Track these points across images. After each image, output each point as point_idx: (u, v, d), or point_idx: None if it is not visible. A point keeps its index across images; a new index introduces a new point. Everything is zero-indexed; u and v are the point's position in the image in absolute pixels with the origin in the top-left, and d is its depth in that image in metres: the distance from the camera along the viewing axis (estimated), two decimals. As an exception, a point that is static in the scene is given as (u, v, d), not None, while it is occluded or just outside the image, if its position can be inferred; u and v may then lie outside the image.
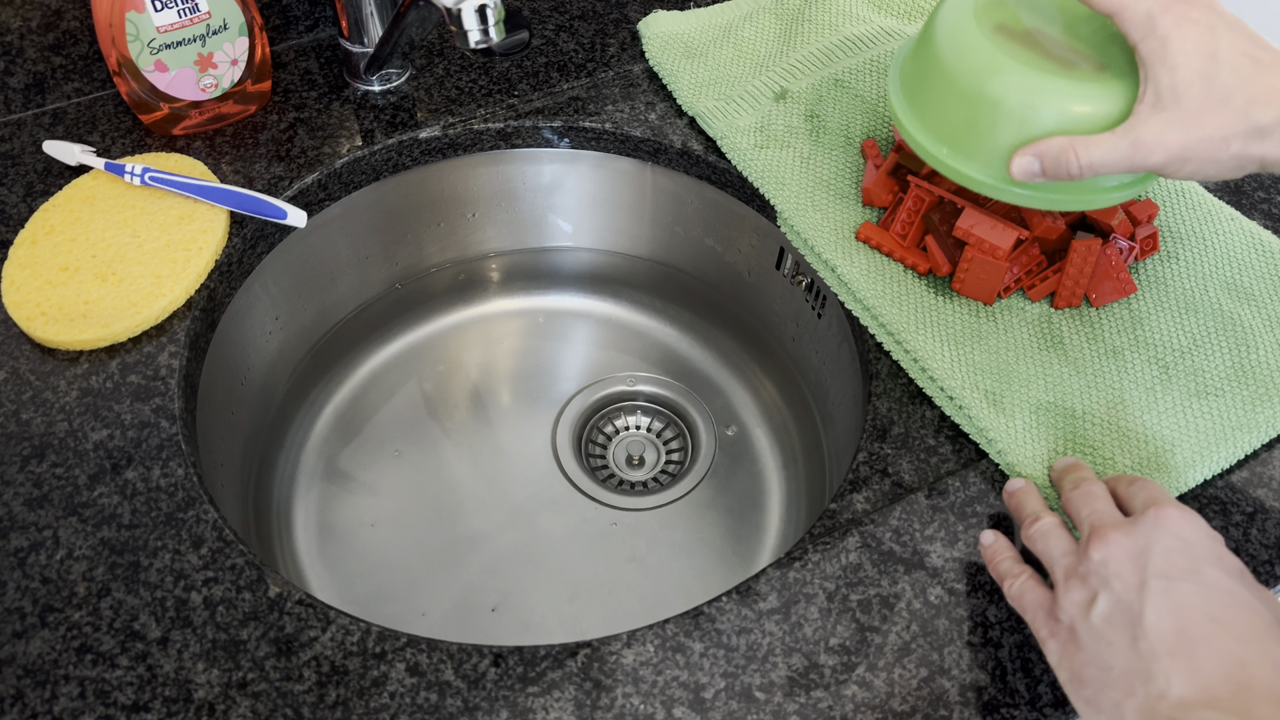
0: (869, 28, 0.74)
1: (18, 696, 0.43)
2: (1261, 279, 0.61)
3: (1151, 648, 0.38)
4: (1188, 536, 0.41)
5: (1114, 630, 0.39)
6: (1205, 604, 0.39)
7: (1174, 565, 0.40)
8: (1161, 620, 0.38)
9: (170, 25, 0.61)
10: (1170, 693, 0.37)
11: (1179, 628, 0.38)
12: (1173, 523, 0.41)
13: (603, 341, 0.79)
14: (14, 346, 0.56)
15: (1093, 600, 0.40)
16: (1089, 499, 0.45)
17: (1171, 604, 0.39)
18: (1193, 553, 0.40)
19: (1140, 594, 0.39)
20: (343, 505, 0.68)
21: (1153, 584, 0.39)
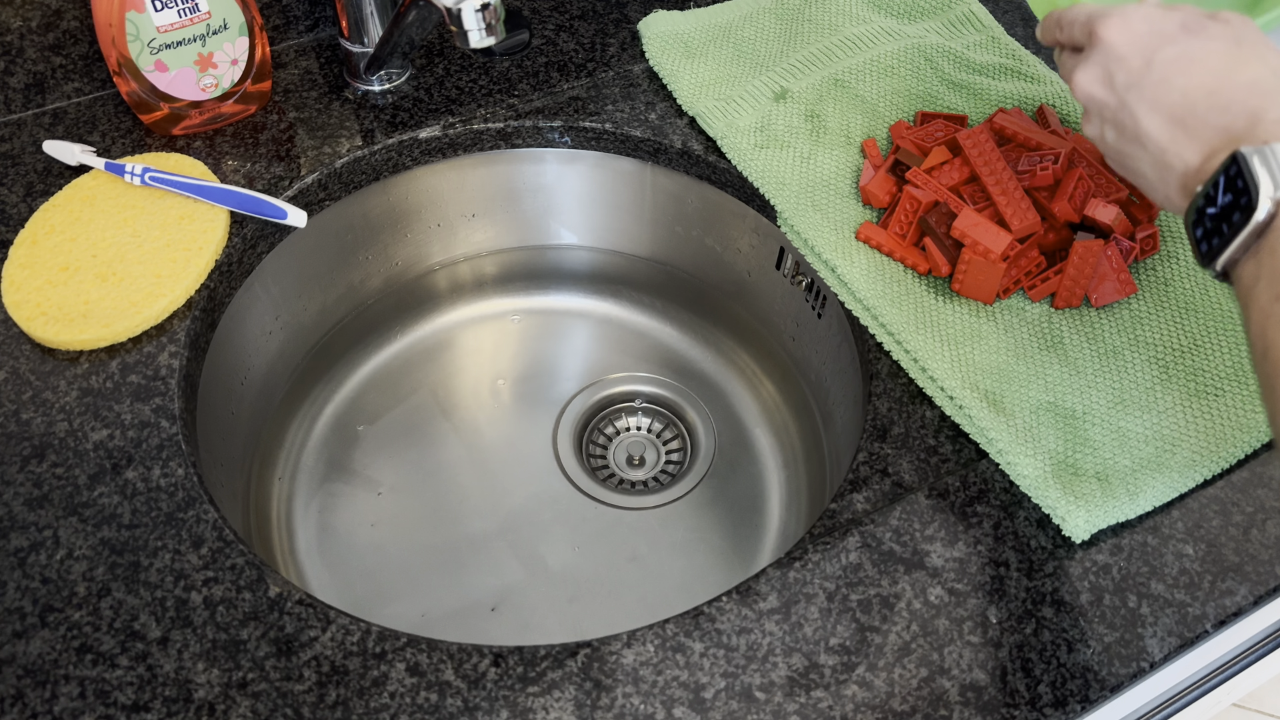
0: (869, 27, 0.74)
1: (18, 696, 0.43)
2: (1261, 279, 0.61)
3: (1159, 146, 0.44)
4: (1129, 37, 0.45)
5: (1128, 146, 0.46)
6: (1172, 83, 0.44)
7: (1133, 70, 0.45)
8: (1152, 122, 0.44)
9: (170, 25, 0.61)
10: (1188, 167, 0.43)
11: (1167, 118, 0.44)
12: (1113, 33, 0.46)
13: (603, 341, 0.79)
14: (14, 346, 0.56)
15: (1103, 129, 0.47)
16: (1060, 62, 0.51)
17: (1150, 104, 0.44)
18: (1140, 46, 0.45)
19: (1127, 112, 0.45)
20: (343, 505, 0.68)
21: (1128, 98, 0.45)
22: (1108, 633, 0.47)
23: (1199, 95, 0.43)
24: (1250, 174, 0.38)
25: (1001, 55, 0.74)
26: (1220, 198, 0.40)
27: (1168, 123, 0.44)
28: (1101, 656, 0.47)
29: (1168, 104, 0.44)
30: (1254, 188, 0.38)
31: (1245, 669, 0.81)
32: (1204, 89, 0.43)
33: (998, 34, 0.76)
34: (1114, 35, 0.46)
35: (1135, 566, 0.50)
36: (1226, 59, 0.43)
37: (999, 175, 0.59)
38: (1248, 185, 0.39)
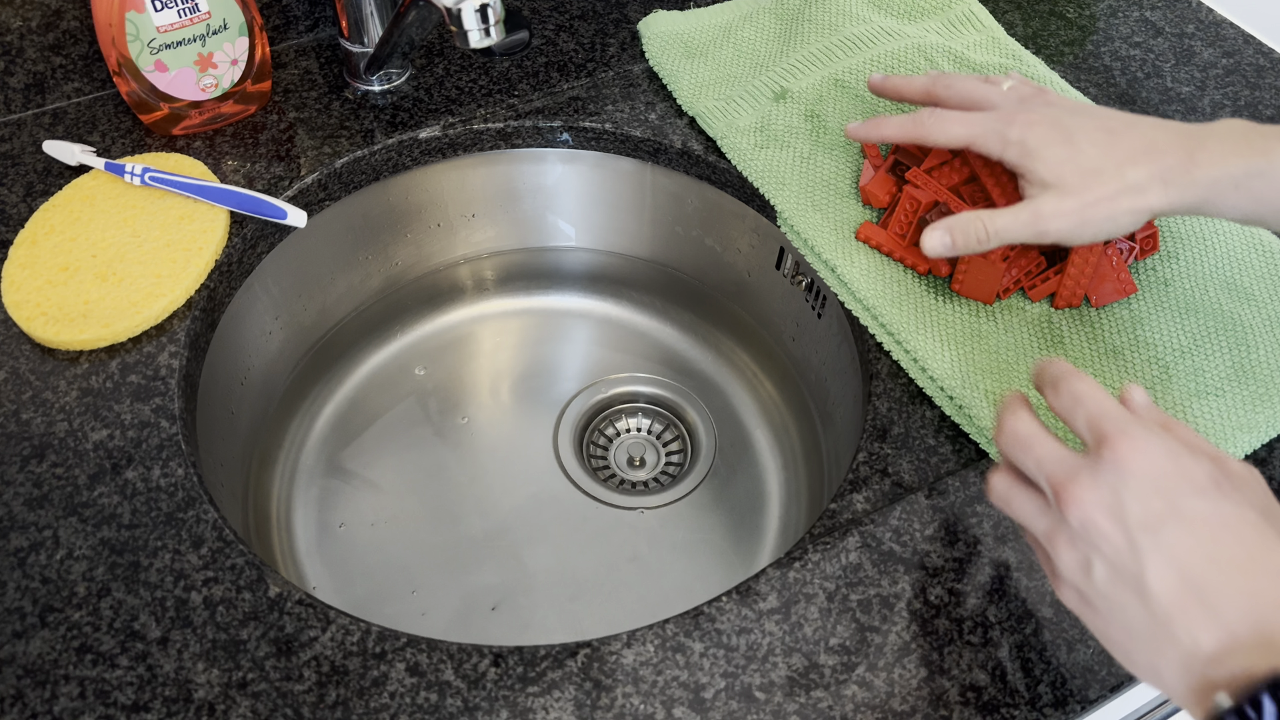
0: (869, 27, 0.74)
1: (18, 696, 0.43)
2: (1261, 279, 0.61)
3: (1164, 609, 0.37)
4: (1152, 470, 0.38)
5: (1121, 594, 0.38)
6: (1197, 542, 0.37)
7: (1151, 511, 0.37)
8: (1163, 578, 0.37)
9: (170, 25, 0.61)
10: (1199, 650, 0.36)
11: (1181, 580, 0.37)
12: (1132, 459, 0.38)
13: (603, 342, 0.79)
14: (14, 346, 0.56)
15: (1088, 564, 0.39)
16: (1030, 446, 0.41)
17: (1166, 557, 0.37)
18: (1164, 487, 0.38)
19: (1133, 554, 0.37)
20: (343, 505, 0.68)
21: (1140, 540, 0.37)
22: (1108, 633, 0.47)
23: (1229, 569, 0.36)
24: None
25: (1002, 55, 0.74)
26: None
27: (1182, 588, 0.36)
28: (1101, 656, 0.47)
29: (1188, 565, 0.37)
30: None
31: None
32: (1235, 563, 0.36)
33: (998, 34, 0.76)
34: (1136, 460, 0.38)
35: (1135, 566, 0.50)
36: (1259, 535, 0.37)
37: (999, 175, 0.59)
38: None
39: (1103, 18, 0.82)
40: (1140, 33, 0.81)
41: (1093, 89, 0.75)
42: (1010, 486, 0.43)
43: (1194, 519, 0.37)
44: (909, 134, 0.57)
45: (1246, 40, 0.81)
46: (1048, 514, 0.41)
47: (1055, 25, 0.81)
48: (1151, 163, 0.50)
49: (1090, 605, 0.39)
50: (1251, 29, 0.82)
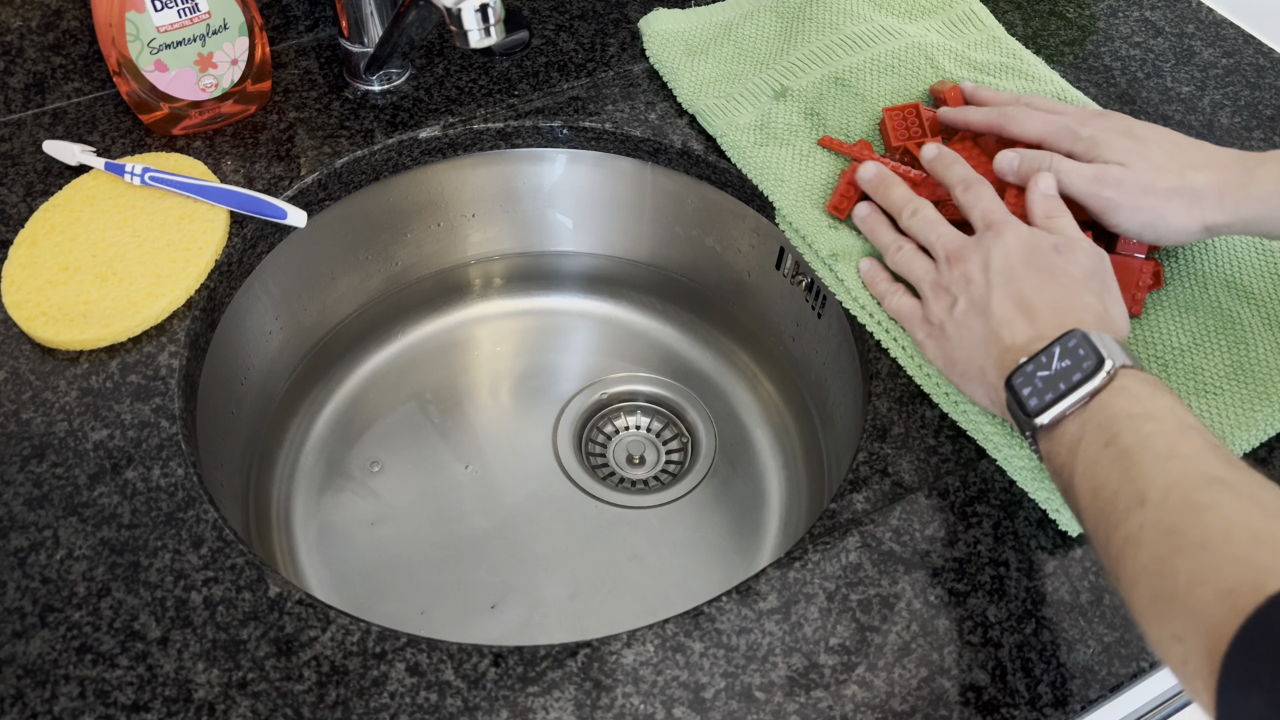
0: (869, 26, 0.73)
1: (18, 696, 0.43)
2: (1261, 278, 0.61)
3: (999, 320, 0.49)
4: (1019, 242, 0.51)
5: (971, 318, 0.51)
6: (1035, 281, 0.50)
7: (1010, 264, 0.51)
8: (1004, 302, 0.50)
9: (170, 25, 0.61)
10: (1015, 343, 0.48)
11: (1017, 303, 0.49)
12: (1009, 234, 0.52)
13: (603, 341, 0.79)
14: (14, 346, 0.56)
15: (954, 303, 0.52)
16: (933, 224, 0.55)
17: (1011, 290, 0.50)
18: (1024, 250, 0.51)
19: (987, 289, 0.51)
20: (343, 505, 0.68)
21: (995, 279, 0.50)
22: (1108, 633, 0.47)
23: (1047, 300, 0.49)
24: (1094, 346, 0.45)
25: (1002, 55, 0.74)
26: (1056, 364, 0.45)
27: (1015, 308, 0.49)
28: (1101, 656, 0.47)
29: (1023, 296, 0.49)
30: (1100, 356, 0.44)
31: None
32: (1053, 298, 0.49)
33: (998, 34, 0.76)
34: (1010, 234, 0.52)
35: (1135, 566, 0.50)
36: (1078, 283, 0.50)
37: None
38: (1090, 354, 0.44)
39: (1103, 18, 0.82)
40: (1140, 33, 0.81)
41: (1093, 89, 0.75)
42: (915, 252, 0.56)
43: (1039, 268, 0.50)
44: (992, 124, 0.61)
45: (1246, 40, 0.81)
46: (934, 271, 0.54)
47: (1055, 25, 0.81)
48: (1213, 173, 0.53)
49: (946, 335, 0.52)
50: (1251, 29, 0.82)
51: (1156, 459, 0.40)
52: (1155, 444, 0.41)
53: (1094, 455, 0.42)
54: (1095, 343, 0.45)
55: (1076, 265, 0.51)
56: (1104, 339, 0.45)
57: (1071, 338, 0.45)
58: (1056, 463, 0.45)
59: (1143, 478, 0.40)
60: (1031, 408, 0.45)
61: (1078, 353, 0.45)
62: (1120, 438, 0.42)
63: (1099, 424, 0.43)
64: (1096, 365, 0.44)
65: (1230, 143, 0.71)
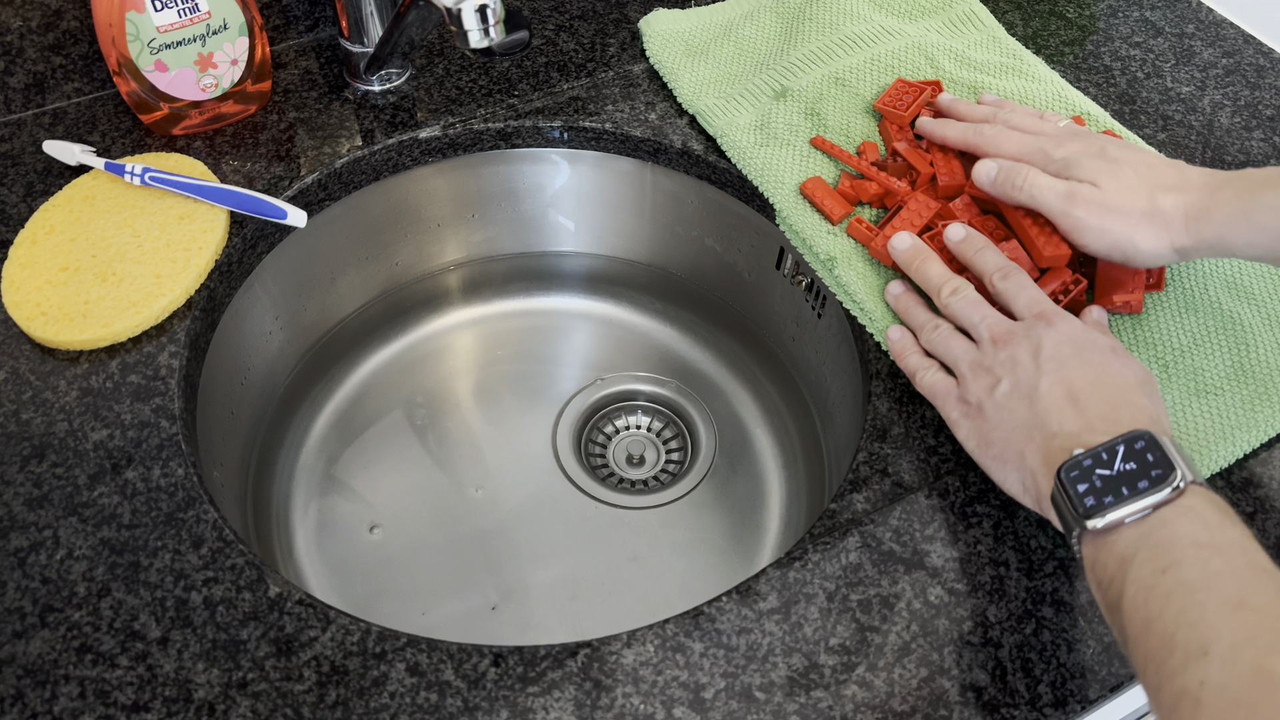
0: (869, 26, 0.73)
1: (18, 696, 0.43)
2: (1261, 278, 0.61)
3: (1045, 407, 0.47)
4: (1072, 333, 0.49)
5: (1015, 401, 0.48)
6: (1087, 374, 0.47)
7: (1062, 352, 0.48)
8: (1053, 388, 0.47)
9: (170, 25, 0.61)
10: (1063, 432, 0.46)
11: (1067, 392, 0.47)
12: (1061, 325, 0.50)
13: (603, 341, 0.79)
14: (14, 346, 0.56)
15: (997, 383, 0.49)
16: (976, 305, 0.53)
17: (1061, 378, 0.47)
18: (1077, 341, 0.49)
19: (1036, 373, 0.48)
20: (342, 504, 0.68)
21: (1046, 365, 0.48)
22: (1108, 633, 0.47)
23: (1101, 395, 0.47)
24: (1165, 453, 0.42)
25: (1002, 55, 0.74)
26: (1119, 464, 0.42)
27: (1064, 395, 0.47)
28: (1101, 656, 0.47)
29: (1072, 385, 0.47)
30: (1171, 465, 0.41)
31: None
32: (1110, 390, 0.47)
33: (998, 34, 0.76)
34: (1063, 326, 0.50)
35: (1135, 566, 0.50)
36: (1134, 384, 0.48)
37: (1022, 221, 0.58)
38: (1160, 461, 0.41)
39: (1103, 18, 0.82)
40: (1140, 33, 0.81)
41: (1093, 89, 0.75)
42: (953, 332, 0.53)
43: (1091, 362, 0.48)
44: (968, 141, 0.61)
45: (1246, 40, 0.81)
46: (976, 352, 0.51)
47: (1055, 25, 0.81)
48: (1181, 195, 0.52)
49: (983, 416, 0.49)
50: (1251, 29, 0.82)
51: (1223, 605, 0.36)
52: (1223, 586, 0.37)
53: (1148, 579, 0.39)
54: (1166, 450, 0.42)
55: (1130, 370, 0.49)
56: (1174, 448, 0.42)
57: (1139, 439, 0.42)
58: (1102, 574, 0.41)
59: (1206, 625, 0.36)
60: (1086, 507, 0.42)
61: (1145, 457, 0.42)
62: (1182, 567, 0.38)
63: (1158, 543, 0.39)
64: (1165, 475, 0.41)
65: (1230, 143, 0.71)
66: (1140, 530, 0.40)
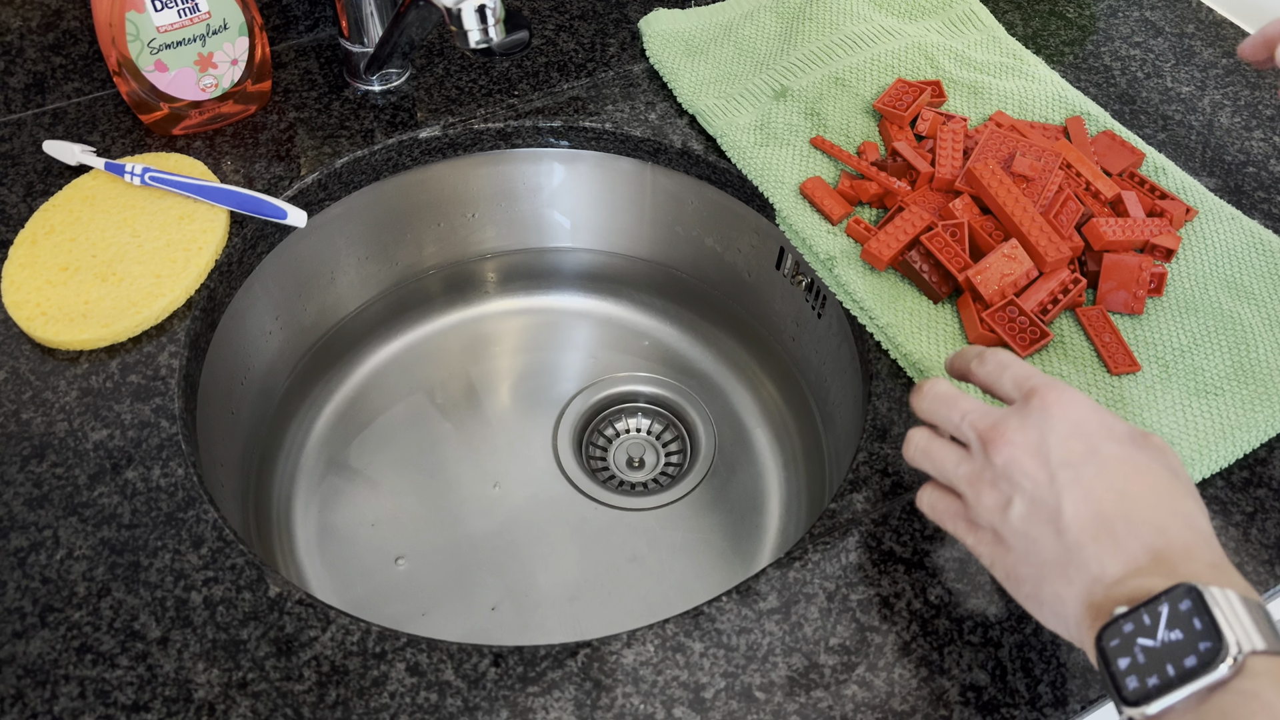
0: (870, 26, 0.73)
1: (18, 696, 0.43)
2: (1261, 278, 0.61)
3: (1076, 538, 0.39)
4: (1076, 417, 0.41)
5: (1036, 527, 0.40)
6: (1112, 481, 0.40)
7: (1073, 451, 0.40)
8: (1078, 509, 0.39)
9: (170, 25, 0.61)
10: (1105, 575, 0.38)
11: (1095, 513, 0.39)
12: (1059, 407, 0.41)
13: (603, 342, 0.79)
14: (14, 346, 0.56)
15: (1008, 503, 0.41)
16: (951, 402, 0.44)
17: (1083, 491, 0.39)
18: (1085, 432, 0.41)
19: (1052, 488, 0.40)
20: (343, 505, 0.68)
21: (1060, 475, 0.40)
22: (1108, 632, 0.47)
23: (1138, 506, 0.39)
24: (1211, 616, 0.35)
25: (1002, 55, 0.74)
26: (1163, 632, 0.35)
27: (1095, 520, 0.39)
28: (1101, 656, 0.46)
29: (1102, 501, 0.39)
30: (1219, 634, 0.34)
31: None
32: (1145, 502, 0.39)
33: (998, 34, 0.76)
34: (1061, 407, 0.41)
35: (1135, 566, 0.50)
36: (1168, 483, 0.40)
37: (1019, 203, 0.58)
38: (1206, 628, 0.34)
39: (1103, 18, 0.82)
40: (1140, 33, 0.81)
41: (1093, 89, 0.75)
42: (931, 439, 0.45)
43: (1110, 460, 0.40)
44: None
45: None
46: (969, 461, 0.43)
47: (1055, 25, 0.81)
48: None
49: (1004, 544, 0.41)
50: (1251, 29, 0.82)
51: None
52: None
53: None
54: (1213, 609, 0.35)
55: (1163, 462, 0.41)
56: (1226, 601, 0.35)
57: (1184, 598, 0.35)
58: None
59: None
60: (1130, 692, 0.35)
61: (1191, 623, 0.35)
62: None
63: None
64: (1215, 649, 0.34)
65: (1230, 143, 0.71)
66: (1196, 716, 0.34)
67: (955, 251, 0.58)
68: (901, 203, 0.61)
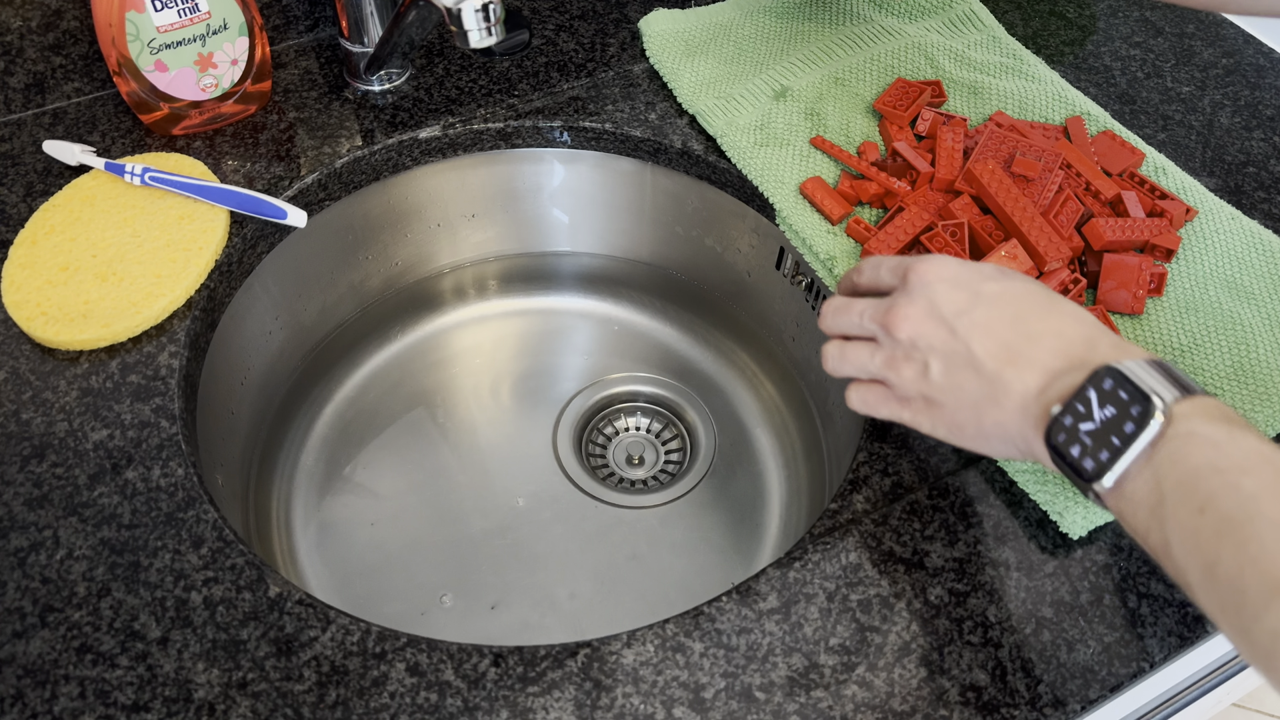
0: (870, 26, 0.74)
1: (18, 696, 0.43)
2: (1261, 278, 0.61)
3: (994, 369, 0.43)
4: (949, 274, 0.46)
5: (957, 376, 0.44)
6: (1001, 312, 0.44)
7: (959, 301, 0.44)
8: (985, 345, 0.43)
9: (170, 25, 0.61)
10: (1029, 388, 0.42)
11: (1000, 342, 0.43)
12: (931, 272, 0.46)
13: (602, 342, 0.79)
14: (14, 346, 0.56)
15: (925, 368, 0.45)
16: (844, 309, 0.49)
17: (982, 329, 0.43)
18: (962, 282, 0.45)
19: (956, 338, 0.44)
20: (343, 505, 0.68)
21: (958, 325, 0.44)
22: (1108, 633, 0.47)
23: (1031, 323, 0.43)
24: (1133, 383, 0.39)
25: (1002, 55, 0.74)
26: (1099, 412, 0.39)
27: (1003, 348, 0.43)
28: (1101, 656, 0.47)
29: (1000, 331, 0.43)
30: (1143, 394, 0.38)
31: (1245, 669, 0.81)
32: (1035, 317, 0.43)
33: (998, 34, 0.76)
34: (935, 271, 0.46)
35: (1135, 566, 0.50)
36: (1045, 296, 0.44)
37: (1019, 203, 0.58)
38: (1132, 394, 0.39)
39: (1103, 18, 0.82)
40: (1140, 33, 0.81)
41: (1093, 89, 0.75)
42: (843, 346, 0.49)
43: (992, 297, 0.44)
44: None
45: (1246, 40, 0.81)
46: (880, 349, 0.47)
47: (1055, 25, 0.81)
48: None
49: (935, 404, 0.45)
50: (1251, 29, 0.82)
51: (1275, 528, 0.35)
52: (1265, 508, 0.35)
53: (1190, 523, 0.37)
54: (1133, 379, 0.39)
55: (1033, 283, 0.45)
56: (1139, 368, 0.39)
57: (1105, 377, 0.40)
58: (1134, 525, 0.39)
59: (1268, 558, 0.34)
60: (1089, 471, 0.40)
61: (1118, 395, 0.39)
62: (1216, 502, 0.36)
63: (1179, 483, 0.37)
64: (1144, 410, 0.38)
65: (1230, 143, 0.71)
66: (1152, 474, 0.38)
67: (955, 252, 0.58)
68: (901, 203, 0.61)
